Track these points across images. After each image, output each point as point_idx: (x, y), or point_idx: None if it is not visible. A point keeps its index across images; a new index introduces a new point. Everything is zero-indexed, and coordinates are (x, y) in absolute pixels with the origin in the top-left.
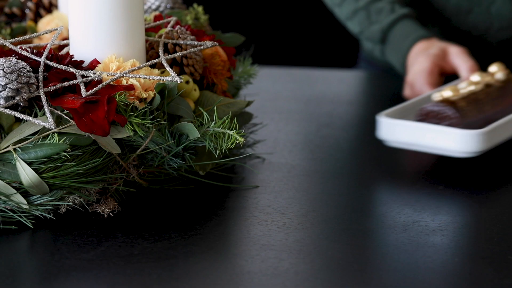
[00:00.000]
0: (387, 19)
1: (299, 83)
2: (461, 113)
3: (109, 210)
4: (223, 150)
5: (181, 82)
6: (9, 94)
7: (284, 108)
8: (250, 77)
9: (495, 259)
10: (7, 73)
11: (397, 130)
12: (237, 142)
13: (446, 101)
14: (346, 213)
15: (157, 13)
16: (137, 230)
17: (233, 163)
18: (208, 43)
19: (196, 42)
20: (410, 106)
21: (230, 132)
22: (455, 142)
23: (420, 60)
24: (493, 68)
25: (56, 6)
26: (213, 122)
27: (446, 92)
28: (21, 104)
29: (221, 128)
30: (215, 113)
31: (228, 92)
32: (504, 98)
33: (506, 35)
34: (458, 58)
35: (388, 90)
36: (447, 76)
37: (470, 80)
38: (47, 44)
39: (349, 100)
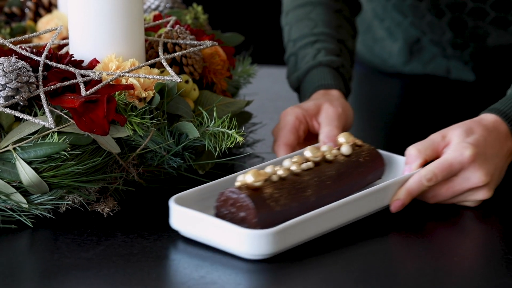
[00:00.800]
0: (305, 66)
1: None
2: (262, 203)
3: (108, 209)
4: (223, 149)
5: (180, 81)
6: (9, 94)
7: (284, 107)
8: (250, 76)
9: (495, 258)
10: (7, 73)
11: (183, 220)
12: (237, 141)
13: (248, 187)
14: None
15: (156, 12)
16: (137, 229)
17: (233, 163)
18: (208, 42)
19: (195, 42)
20: (216, 187)
21: (230, 132)
22: (233, 241)
23: (287, 112)
24: (341, 139)
25: (55, 6)
26: (213, 121)
27: (249, 176)
28: (21, 103)
29: (221, 127)
30: (215, 113)
31: (227, 91)
32: (341, 178)
33: (506, 55)
34: (325, 119)
35: (380, 90)
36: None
37: (299, 157)
38: (47, 43)
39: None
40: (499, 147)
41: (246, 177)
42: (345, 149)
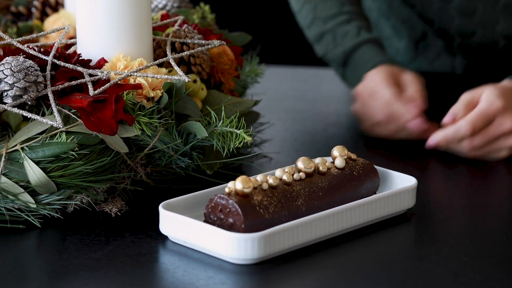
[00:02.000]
0: (351, 42)
1: (306, 82)
2: (251, 210)
3: (116, 209)
4: (231, 149)
5: (188, 81)
6: (17, 93)
7: (291, 107)
8: (257, 76)
9: (504, 258)
10: (15, 72)
11: (172, 225)
12: (245, 141)
13: (237, 193)
14: None
15: (164, 12)
16: (145, 229)
17: (241, 163)
18: (216, 42)
19: (203, 41)
20: (206, 195)
21: (238, 131)
22: (219, 244)
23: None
24: (335, 152)
25: (62, 5)
26: (221, 121)
27: (238, 183)
28: (29, 103)
29: (229, 127)
30: (223, 112)
31: (235, 91)
32: (333, 190)
33: None
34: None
35: None
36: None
37: (291, 167)
38: (55, 42)
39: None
40: None
41: (236, 184)
42: (339, 162)
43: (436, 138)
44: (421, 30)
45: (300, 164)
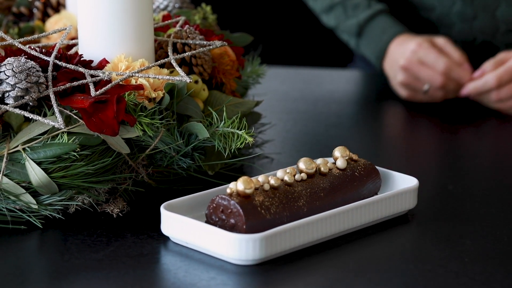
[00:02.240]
0: (363, 14)
1: (307, 83)
2: (252, 210)
3: (118, 210)
4: (232, 150)
5: (190, 82)
6: (18, 94)
7: (292, 108)
8: (259, 77)
9: (505, 259)
10: (16, 73)
11: (173, 226)
12: (246, 142)
13: (239, 194)
14: None
15: (165, 12)
16: (147, 230)
17: (242, 163)
18: (217, 42)
19: (205, 42)
20: (207, 196)
21: (239, 132)
22: (220, 245)
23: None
24: (336, 153)
25: (63, 6)
26: (222, 122)
27: (240, 184)
28: (30, 103)
29: (230, 128)
30: (224, 113)
31: (236, 92)
32: (334, 190)
33: None
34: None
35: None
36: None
37: (293, 168)
38: (56, 43)
39: (357, 100)
40: None
41: (237, 185)
42: (340, 163)
43: (468, 89)
44: (421, 26)
45: (302, 164)
